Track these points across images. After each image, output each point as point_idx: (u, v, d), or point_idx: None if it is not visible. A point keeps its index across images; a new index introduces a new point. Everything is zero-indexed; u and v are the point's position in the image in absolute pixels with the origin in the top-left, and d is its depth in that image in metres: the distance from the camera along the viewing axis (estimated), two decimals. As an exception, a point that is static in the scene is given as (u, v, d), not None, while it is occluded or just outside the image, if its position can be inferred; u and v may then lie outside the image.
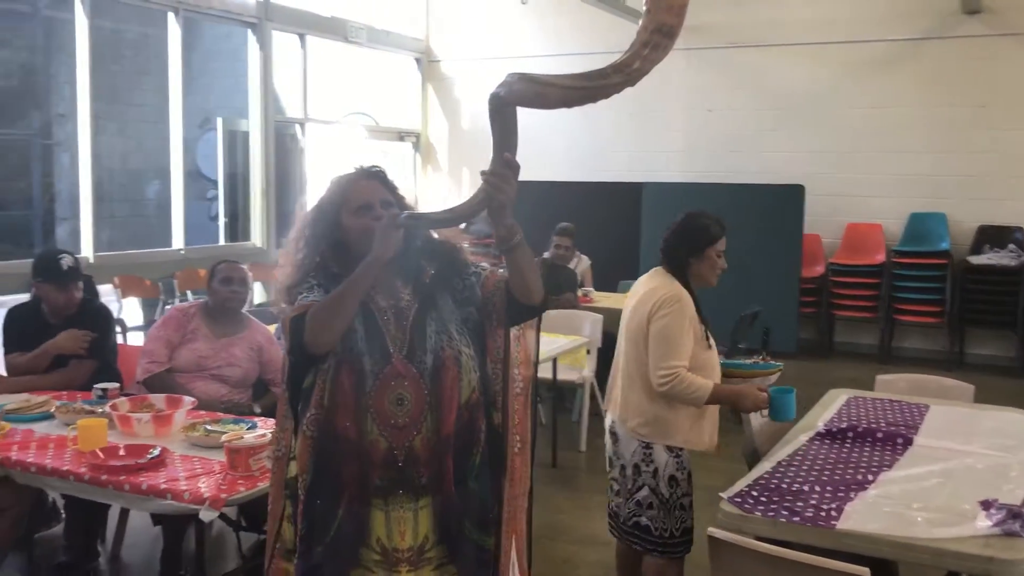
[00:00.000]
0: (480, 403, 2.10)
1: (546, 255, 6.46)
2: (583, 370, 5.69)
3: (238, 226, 8.82)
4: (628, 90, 1.78)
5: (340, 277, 2.01)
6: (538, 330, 2.24)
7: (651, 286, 3.05)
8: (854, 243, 8.80)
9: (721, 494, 2.57)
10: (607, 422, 3.22)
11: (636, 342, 3.01)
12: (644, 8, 1.74)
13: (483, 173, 1.86)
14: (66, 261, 3.81)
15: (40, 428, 3.24)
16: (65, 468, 2.82)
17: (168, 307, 6.76)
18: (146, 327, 6.67)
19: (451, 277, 2.13)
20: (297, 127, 9.15)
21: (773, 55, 9.00)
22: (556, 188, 9.11)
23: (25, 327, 3.88)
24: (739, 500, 2.51)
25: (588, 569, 3.99)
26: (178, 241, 7.85)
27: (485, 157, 1.87)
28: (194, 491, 2.60)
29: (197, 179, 10.44)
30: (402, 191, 2.20)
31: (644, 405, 3.00)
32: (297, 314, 1.95)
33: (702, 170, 9.22)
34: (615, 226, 8.72)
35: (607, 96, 1.76)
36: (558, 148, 9.56)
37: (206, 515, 2.52)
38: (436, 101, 10.56)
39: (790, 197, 8.35)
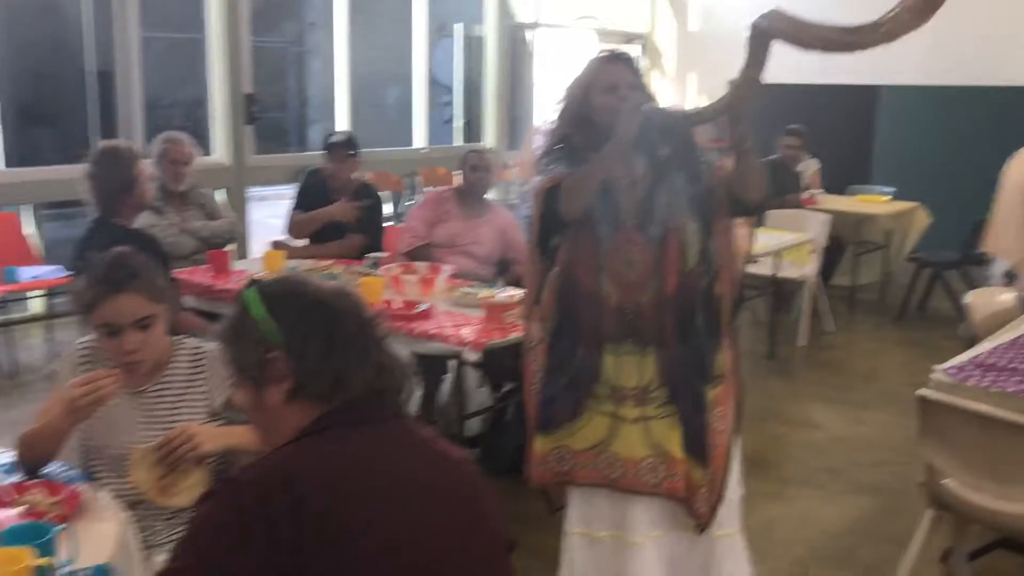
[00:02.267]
0: (702, 273, 2.34)
1: (773, 156, 6.50)
2: (805, 267, 5.76)
3: (472, 129, 9.35)
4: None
5: (581, 151, 2.32)
6: (753, 231, 2.48)
7: None
8: None
9: (934, 366, 2.71)
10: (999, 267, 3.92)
11: None
12: None
13: (730, 82, 2.08)
14: (335, 137, 4.64)
15: (327, 286, 3.81)
16: (351, 316, 3.36)
17: (415, 197, 7.46)
18: (395, 217, 7.34)
19: (685, 156, 2.36)
20: (528, 32, 9.47)
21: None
22: (790, 90, 8.90)
23: (312, 192, 4.61)
24: (953, 371, 2.65)
25: (797, 448, 4.23)
26: (419, 141, 8.46)
27: (712, 63, 2.11)
28: (458, 336, 3.06)
29: (431, 85, 11.05)
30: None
31: None
32: (551, 185, 2.28)
33: (950, 72, 8.46)
34: (848, 130, 8.47)
35: (863, 49, 1.93)
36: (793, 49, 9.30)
37: (469, 355, 2.97)
38: (665, 2, 10.52)
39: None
